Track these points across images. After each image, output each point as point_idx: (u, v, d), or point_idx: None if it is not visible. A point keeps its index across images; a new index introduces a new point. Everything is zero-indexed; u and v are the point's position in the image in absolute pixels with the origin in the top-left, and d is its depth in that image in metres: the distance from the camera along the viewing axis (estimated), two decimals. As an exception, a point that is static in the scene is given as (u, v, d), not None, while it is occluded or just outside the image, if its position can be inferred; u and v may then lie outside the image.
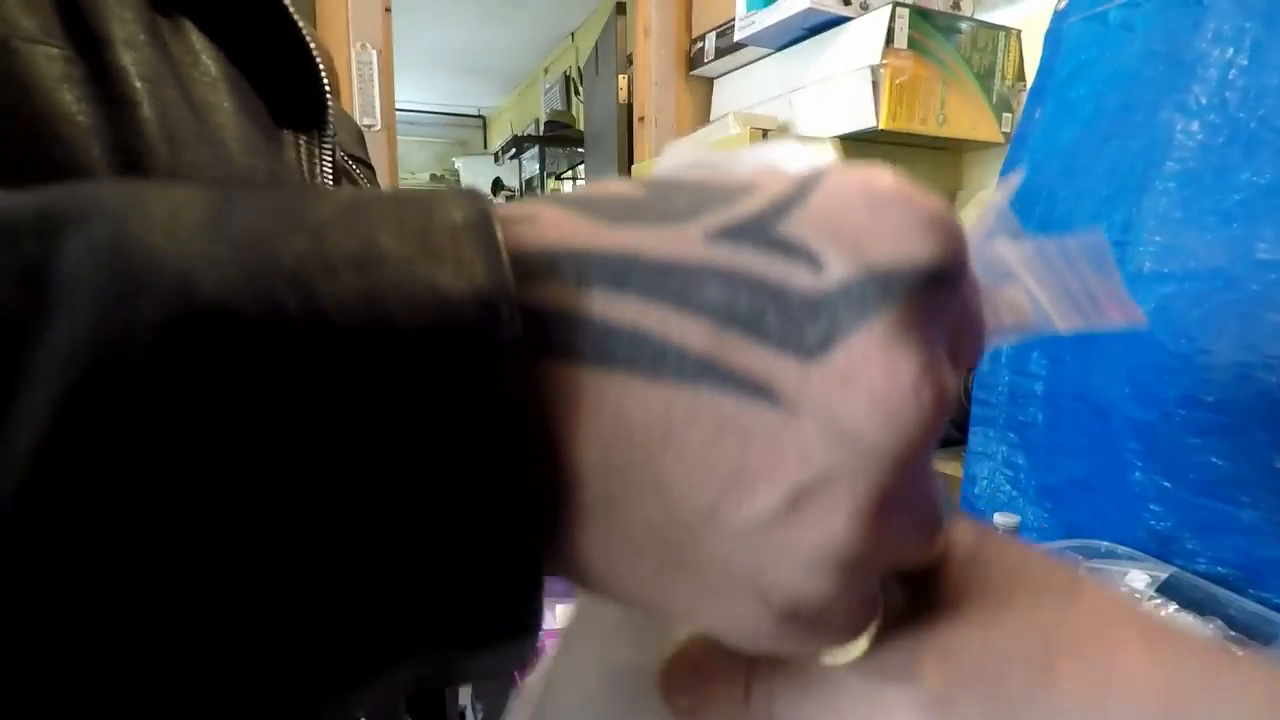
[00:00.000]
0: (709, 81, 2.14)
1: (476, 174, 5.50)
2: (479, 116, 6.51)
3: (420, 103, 5.83)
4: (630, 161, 2.21)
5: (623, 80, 2.19)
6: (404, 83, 5.25)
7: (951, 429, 1.33)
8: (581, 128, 3.26)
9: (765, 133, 1.57)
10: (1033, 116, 1.11)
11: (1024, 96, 1.64)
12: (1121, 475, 0.91)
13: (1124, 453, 0.90)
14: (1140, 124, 0.94)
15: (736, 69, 2.00)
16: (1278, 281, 0.76)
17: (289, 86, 0.31)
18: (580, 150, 3.34)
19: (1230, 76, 0.85)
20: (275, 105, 0.31)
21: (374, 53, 1.69)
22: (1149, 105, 0.94)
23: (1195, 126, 0.88)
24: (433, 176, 6.45)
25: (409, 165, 6.41)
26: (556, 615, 0.88)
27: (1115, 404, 0.92)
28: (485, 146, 6.42)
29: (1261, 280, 0.77)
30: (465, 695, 0.82)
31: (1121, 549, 0.86)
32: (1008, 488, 1.10)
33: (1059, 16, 1.12)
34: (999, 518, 0.79)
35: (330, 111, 0.32)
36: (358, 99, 1.68)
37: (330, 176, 0.32)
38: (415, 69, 4.91)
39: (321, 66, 0.31)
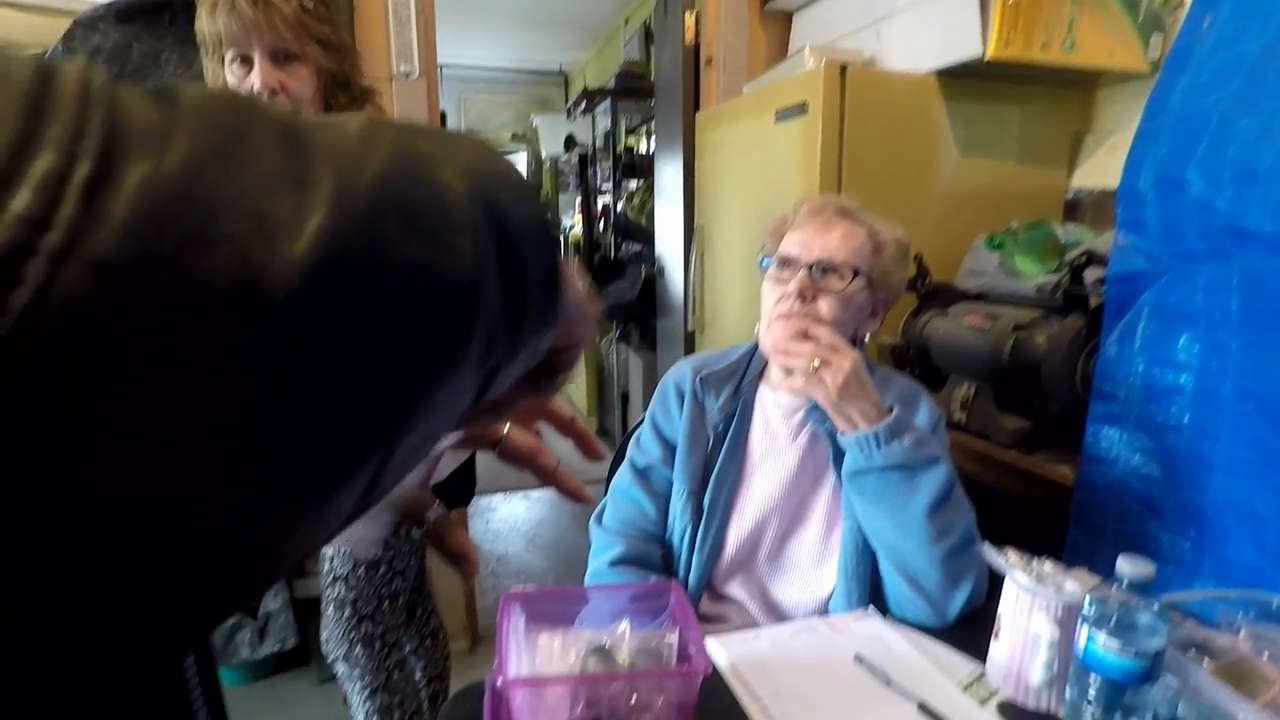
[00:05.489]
0: (786, 16, 1.89)
1: (552, 130, 5.41)
2: (561, 73, 6.35)
3: (502, 60, 5.74)
4: (696, 108, 1.99)
5: (689, 19, 1.96)
6: (484, 43, 5.23)
7: (1061, 422, 1.09)
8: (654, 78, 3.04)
9: (843, 68, 1.33)
10: (1200, 25, 0.85)
11: (1180, 14, 1.33)
12: (1308, 508, 0.67)
13: (1314, 478, 0.67)
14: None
15: (818, -2, 1.74)
16: None
17: None
18: (652, 103, 3.13)
19: None
20: None
21: (412, -8, 1.55)
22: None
23: None
24: (513, 135, 6.40)
25: (490, 125, 6.41)
26: None
27: (1305, 411, 0.68)
28: (566, 103, 6.28)
29: None
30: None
31: (1306, 611, 0.63)
32: (1136, 506, 0.87)
33: (1245, -112, 0.84)
34: (1125, 563, 0.58)
35: None
36: (394, 43, 1.56)
37: None
38: (495, 28, 4.80)
39: None
